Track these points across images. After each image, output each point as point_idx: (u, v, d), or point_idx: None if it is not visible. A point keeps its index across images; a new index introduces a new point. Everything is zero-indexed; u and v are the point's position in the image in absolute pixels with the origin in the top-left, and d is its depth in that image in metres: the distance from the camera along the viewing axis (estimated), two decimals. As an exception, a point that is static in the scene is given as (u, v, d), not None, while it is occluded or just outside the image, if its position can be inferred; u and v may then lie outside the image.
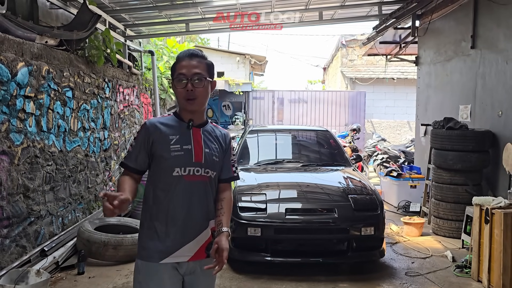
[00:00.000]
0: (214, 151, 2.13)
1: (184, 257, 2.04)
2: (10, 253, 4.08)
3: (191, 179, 2.05)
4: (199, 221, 2.08)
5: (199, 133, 2.12)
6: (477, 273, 4.32)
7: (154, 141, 2.06)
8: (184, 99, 2.06)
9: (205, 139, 2.12)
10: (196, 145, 2.08)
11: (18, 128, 4.20)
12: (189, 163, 2.05)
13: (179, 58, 2.10)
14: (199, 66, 2.06)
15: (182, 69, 2.05)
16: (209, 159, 2.09)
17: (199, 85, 2.05)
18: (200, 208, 2.08)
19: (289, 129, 7.31)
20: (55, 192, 4.97)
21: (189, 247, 2.04)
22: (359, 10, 8.48)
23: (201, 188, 2.08)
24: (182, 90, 2.04)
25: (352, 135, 11.10)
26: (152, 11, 7.51)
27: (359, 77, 16.95)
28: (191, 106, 2.07)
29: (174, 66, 2.11)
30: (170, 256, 2.02)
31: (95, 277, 4.34)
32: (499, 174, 5.55)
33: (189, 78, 2.04)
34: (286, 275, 4.40)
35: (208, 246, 2.08)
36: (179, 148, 2.04)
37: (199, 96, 2.06)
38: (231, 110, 15.26)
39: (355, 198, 4.60)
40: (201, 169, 2.07)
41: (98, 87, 6.20)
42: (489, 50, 5.93)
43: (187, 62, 2.06)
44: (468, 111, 6.41)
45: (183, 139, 2.07)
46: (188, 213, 2.05)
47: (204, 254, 2.08)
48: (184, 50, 2.17)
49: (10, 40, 4.09)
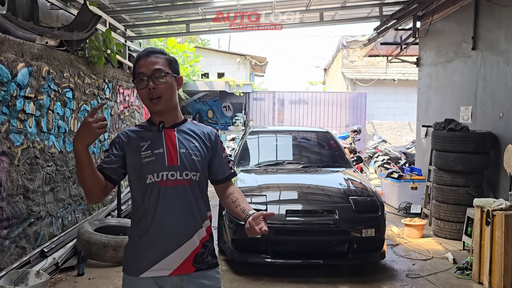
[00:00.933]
0: (193, 150, 1.93)
1: (165, 270, 1.85)
2: (10, 254, 4.07)
3: (166, 185, 1.87)
4: (180, 230, 1.87)
5: (172, 134, 1.94)
6: (478, 275, 4.31)
7: (126, 150, 1.92)
8: (148, 99, 1.89)
9: (181, 139, 1.94)
10: (168, 148, 1.90)
11: (18, 128, 4.19)
12: (161, 167, 1.87)
13: (137, 58, 1.95)
14: (158, 62, 1.90)
15: (141, 68, 1.90)
16: (187, 160, 1.90)
17: (160, 82, 1.88)
18: (182, 215, 1.88)
19: (289, 130, 7.30)
20: (55, 193, 4.96)
21: (169, 259, 1.85)
22: (360, 11, 8.48)
23: (180, 194, 1.88)
24: (144, 90, 1.88)
25: (352, 136, 11.08)
26: (153, 11, 7.51)
27: (360, 78, 16.94)
28: (156, 106, 1.89)
29: (133, 68, 1.96)
30: (149, 270, 1.85)
31: (95, 279, 4.33)
32: (500, 175, 5.53)
33: (149, 76, 1.87)
34: (286, 276, 4.39)
35: (196, 258, 1.89)
36: (150, 154, 1.88)
37: (163, 93, 1.88)
38: (231, 111, 15.25)
39: (356, 200, 4.59)
40: (177, 172, 1.88)
41: (98, 88, 6.20)
42: (490, 51, 5.92)
43: (145, 60, 1.90)
44: (469, 112, 6.40)
45: (154, 143, 1.90)
46: (166, 222, 1.86)
47: (192, 268, 1.88)
48: (143, 50, 2.01)
49: (10, 40, 4.09)
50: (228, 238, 4.54)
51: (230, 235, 4.48)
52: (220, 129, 14.53)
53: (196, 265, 1.89)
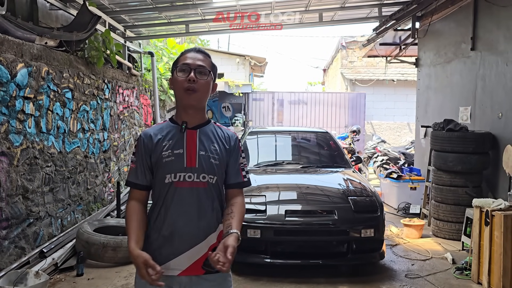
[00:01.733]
0: (212, 153, 1.94)
1: (175, 270, 1.87)
2: (9, 254, 4.07)
3: (183, 186, 1.89)
4: (193, 232, 1.89)
5: (194, 135, 1.95)
6: (477, 275, 4.31)
7: (151, 151, 1.95)
8: (184, 89, 1.90)
9: (202, 140, 1.95)
10: (188, 149, 1.92)
11: (17, 129, 4.19)
12: (180, 168, 1.89)
13: (184, 51, 2.00)
14: (204, 61, 1.95)
15: (187, 59, 1.93)
16: (205, 163, 1.91)
17: (202, 77, 1.91)
18: (195, 218, 1.89)
19: (289, 131, 7.30)
20: (54, 194, 4.96)
21: (180, 260, 1.88)
22: (359, 12, 8.48)
23: (196, 196, 1.90)
24: (183, 80, 1.90)
25: (352, 136, 11.09)
26: (152, 12, 7.50)
27: (359, 78, 16.94)
28: (189, 98, 1.91)
29: (177, 59, 1.99)
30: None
31: (94, 279, 4.33)
32: (499, 176, 5.54)
33: (193, 68, 1.91)
34: (285, 277, 4.39)
35: (206, 262, 1.86)
36: (170, 154, 1.90)
37: (200, 89, 1.91)
38: (230, 111, 15.25)
39: (355, 200, 4.59)
40: (194, 174, 1.90)
41: (97, 88, 6.20)
42: (489, 52, 5.93)
43: (193, 55, 1.95)
44: (468, 113, 6.40)
45: (175, 143, 1.93)
46: (180, 223, 1.88)
47: (201, 270, 1.89)
48: (191, 47, 2.07)
49: (9, 41, 4.09)
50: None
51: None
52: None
53: (205, 268, 1.90)
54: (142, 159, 1.96)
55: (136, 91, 8.26)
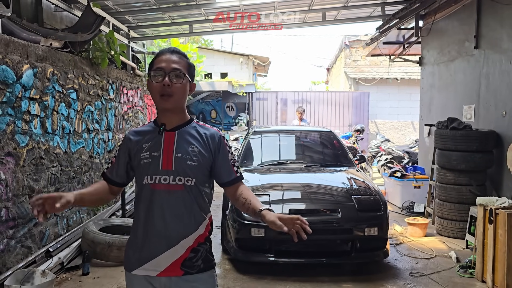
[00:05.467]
0: (190, 154, 1.91)
1: (153, 271, 1.88)
2: (16, 253, 4.11)
3: (159, 188, 1.88)
4: (169, 234, 1.88)
5: (172, 137, 1.93)
6: (481, 274, 4.31)
7: (131, 152, 1.97)
8: (159, 94, 1.89)
9: (180, 142, 1.93)
10: (165, 151, 1.91)
11: (23, 129, 4.23)
12: (155, 171, 1.89)
13: (158, 53, 1.97)
14: (179, 63, 1.91)
15: (161, 63, 1.90)
16: (181, 165, 1.89)
17: (177, 81, 1.88)
18: (172, 220, 1.88)
19: (292, 130, 7.31)
20: (60, 193, 4.99)
21: (157, 261, 1.88)
22: (362, 11, 8.48)
23: (172, 199, 1.88)
24: (158, 85, 1.88)
25: (355, 135, 11.09)
26: (156, 13, 7.54)
27: (363, 77, 16.92)
28: (165, 103, 1.90)
29: (152, 61, 1.96)
30: (140, 268, 1.90)
31: (100, 278, 4.36)
32: (503, 174, 5.53)
33: (167, 72, 1.88)
34: (289, 275, 4.41)
35: (184, 263, 1.88)
36: (148, 156, 1.91)
37: (176, 93, 1.89)
38: (234, 111, 15.27)
39: (359, 199, 4.60)
40: (170, 177, 1.88)
41: (102, 89, 6.24)
42: (492, 50, 5.92)
43: (167, 57, 1.91)
44: (472, 111, 6.39)
45: (153, 145, 1.93)
46: (156, 225, 1.89)
47: (180, 271, 1.88)
48: (167, 47, 2.04)
49: (15, 42, 4.13)
50: (232, 237, 4.57)
51: (234, 234, 4.50)
52: (223, 129, 14.56)
53: (184, 269, 1.89)
54: (121, 157, 2.01)
55: (140, 91, 8.30)
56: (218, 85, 14.26)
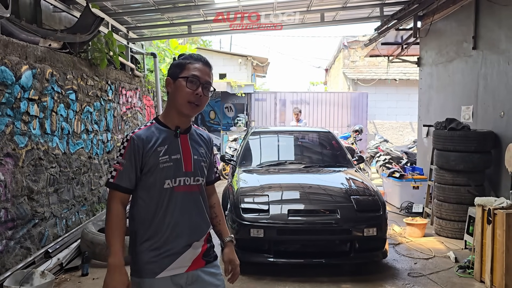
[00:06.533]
0: (202, 156, 2.06)
1: (181, 268, 1.96)
2: (15, 254, 4.11)
3: (182, 190, 1.96)
4: (195, 231, 2.01)
5: (186, 140, 2.02)
6: (480, 274, 4.33)
7: (144, 155, 1.92)
8: (189, 102, 1.94)
9: (193, 145, 2.04)
10: (184, 154, 1.99)
11: (22, 130, 4.23)
12: (179, 173, 1.96)
13: (193, 58, 1.99)
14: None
15: (197, 71, 1.95)
16: (198, 166, 2.03)
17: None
18: (194, 218, 2.00)
19: (291, 131, 7.32)
20: (59, 194, 5.00)
21: (184, 258, 1.96)
22: (361, 12, 8.50)
23: (192, 198, 2.00)
24: (191, 92, 1.93)
25: (354, 136, 11.11)
26: (155, 13, 7.54)
27: (361, 78, 16.94)
28: (192, 110, 1.97)
29: (184, 64, 1.97)
30: (165, 270, 1.92)
31: (99, 279, 4.36)
32: (502, 174, 5.55)
33: (202, 83, 1.95)
34: (289, 276, 4.41)
35: (205, 253, 2.04)
36: (168, 159, 1.93)
37: (202, 104, 1.98)
38: (233, 111, 15.27)
39: (358, 199, 4.61)
40: (191, 178, 1.99)
41: (101, 90, 6.24)
42: (490, 51, 5.94)
43: (203, 67, 1.98)
44: (470, 112, 6.41)
45: (171, 148, 1.96)
46: (181, 225, 1.96)
47: (202, 262, 2.02)
48: (196, 54, 2.07)
49: (14, 43, 4.13)
50: (231, 238, 4.57)
51: (233, 234, 4.50)
52: (222, 129, 14.56)
53: (205, 259, 2.04)
54: (132, 162, 1.91)
55: (139, 92, 8.30)
56: (216, 85, 14.18)
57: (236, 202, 4.58)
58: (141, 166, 1.93)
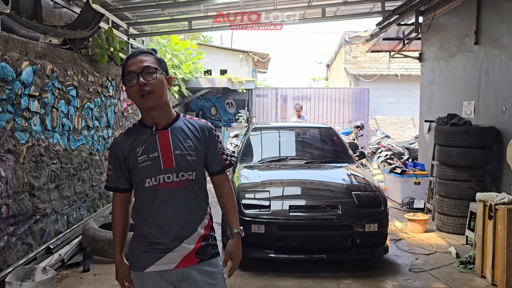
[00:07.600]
0: (187, 150, 1.97)
1: (170, 264, 1.95)
2: (17, 250, 4.12)
3: (165, 187, 1.94)
4: (183, 227, 1.96)
5: (166, 135, 1.97)
6: (481, 269, 4.33)
7: (125, 158, 1.98)
8: (139, 96, 1.91)
9: (175, 139, 1.97)
10: (163, 150, 1.95)
11: (23, 127, 4.23)
12: (158, 171, 1.94)
13: (126, 59, 1.99)
14: (147, 60, 1.93)
15: (130, 67, 1.93)
16: (182, 161, 1.96)
17: (151, 77, 1.91)
18: (181, 215, 1.96)
19: (292, 127, 7.31)
20: (60, 190, 5.01)
21: (173, 254, 1.95)
22: (362, 7, 8.46)
23: (178, 195, 1.95)
24: (135, 87, 1.90)
25: (355, 132, 11.09)
26: (155, 9, 7.52)
27: (363, 74, 16.90)
28: (147, 102, 1.91)
29: (123, 69, 1.98)
30: (154, 265, 1.95)
31: (101, 274, 4.38)
32: (503, 170, 5.54)
33: (139, 72, 1.90)
34: (290, 271, 4.42)
35: (198, 251, 1.99)
36: (146, 158, 1.94)
37: (154, 89, 1.90)
38: (234, 108, 15.25)
39: (359, 195, 4.61)
40: (173, 174, 1.94)
41: (101, 86, 6.23)
42: (492, 46, 5.91)
43: (134, 59, 1.94)
44: (471, 107, 6.39)
45: (149, 147, 1.95)
46: (167, 223, 1.95)
47: (195, 260, 1.98)
48: (131, 53, 2.07)
49: (14, 39, 4.12)
50: (232, 233, 4.57)
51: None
52: (223, 125, 14.55)
53: (199, 257, 1.99)
54: (117, 165, 2.00)
55: (140, 88, 8.28)
56: (217, 81, 14.22)
57: (237, 198, 4.58)
58: (126, 167, 2.00)
